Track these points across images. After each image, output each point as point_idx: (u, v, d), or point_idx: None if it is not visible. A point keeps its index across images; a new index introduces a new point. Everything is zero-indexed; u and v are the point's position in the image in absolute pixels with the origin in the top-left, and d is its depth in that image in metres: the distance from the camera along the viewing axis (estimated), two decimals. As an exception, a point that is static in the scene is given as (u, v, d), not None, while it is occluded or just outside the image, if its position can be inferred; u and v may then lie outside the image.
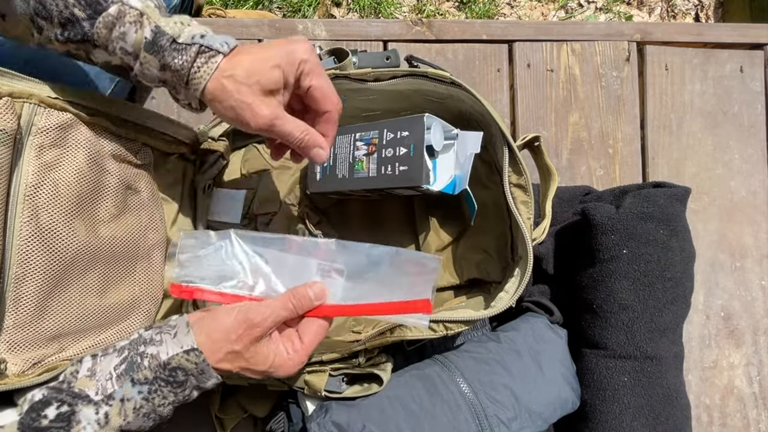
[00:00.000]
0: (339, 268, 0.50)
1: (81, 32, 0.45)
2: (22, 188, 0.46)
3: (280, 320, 0.47)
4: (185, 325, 0.47)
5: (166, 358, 0.45)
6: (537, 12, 1.42)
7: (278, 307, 0.47)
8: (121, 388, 0.44)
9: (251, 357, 0.46)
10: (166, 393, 0.45)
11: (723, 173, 0.80)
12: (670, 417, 0.60)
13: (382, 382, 0.56)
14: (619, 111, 0.79)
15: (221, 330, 0.46)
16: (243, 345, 0.46)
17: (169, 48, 0.46)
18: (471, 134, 0.58)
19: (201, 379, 0.47)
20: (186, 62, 0.46)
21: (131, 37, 0.45)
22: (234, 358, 0.46)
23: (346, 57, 0.63)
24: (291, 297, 0.47)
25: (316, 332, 0.49)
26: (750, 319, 0.77)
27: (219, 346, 0.46)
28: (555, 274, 0.70)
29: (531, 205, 0.56)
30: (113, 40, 0.46)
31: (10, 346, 0.46)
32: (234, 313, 0.46)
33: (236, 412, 0.66)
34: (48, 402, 0.43)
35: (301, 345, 0.48)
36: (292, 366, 0.48)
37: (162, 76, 0.47)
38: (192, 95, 0.48)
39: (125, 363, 0.45)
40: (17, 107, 0.45)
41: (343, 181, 0.62)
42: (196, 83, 0.47)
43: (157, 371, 0.45)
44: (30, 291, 0.46)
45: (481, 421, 0.55)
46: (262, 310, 0.46)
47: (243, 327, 0.46)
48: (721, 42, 0.82)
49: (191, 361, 0.45)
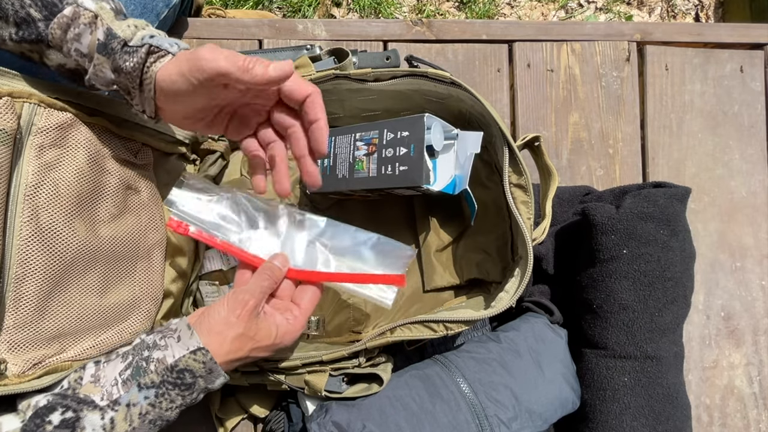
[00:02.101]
0: (324, 242, 0.56)
1: (36, 32, 0.45)
2: (22, 188, 0.46)
3: (266, 290, 0.51)
4: (187, 327, 0.47)
5: (173, 360, 0.45)
6: (537, 12, 1.42)
7: (257, 279, 0.51)
8: (128, 393, 0.44)
9: (256, 333, 0.49)
10: (173, 396, 0.46)
11: (723, 173, 0.80)
12: (670, 417, 0.60)
13: (382, 382, 0.56)
14: (619, 111, 0.79)
15: (220, 321, 0.48)
16: (244, 323, 0.48)
17: (120, 51, 0.45)
18: (471, 134, 0.58)
19: (209, 379, 0.47)
20: (137, 63, 0.45)
21: (86, 38, 0.46)
22: (241, 342, 0.48)
23: (346, 57, 0.63)
24: (263, 270, 0.52)
25: (311, 297, 0.53)
26: (750, 319, 0.77)
27: (224, 336, 0.47)
28: (555, 274, 0.70)
29: (531, 205, 0.56)
30: (68, 41, 0.46)
31: (11, 347, 0.46)
32: (225, 301, 0.49)
33: (236, 412, 0.66)
34: (53, 408, 0.43)
35: (299, 310, 0.53)
36: (296, 331, 0.52)
37: (115, 78, 0.47)
38: (146, 97, 0.47)
39: (131, 368, 0.45)
40: (17, 107, 0.45)
41: (343, 181, 0.62)
42: (149, 81, 0.46)
43: (165, 374, 0.45)
44: (30, 291, 0.46)
45: (481, 421, 0.55)
46: (248, 287, 0.50)
47: (238, 307, 0.48)
48: (721, 42, 0.82)
49: (199, 361, 0.46)
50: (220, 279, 0.68)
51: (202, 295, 0.68)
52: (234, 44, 0.76)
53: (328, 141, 0.63)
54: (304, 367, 0.58)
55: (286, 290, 0.54)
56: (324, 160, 0.64)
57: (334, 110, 0.67)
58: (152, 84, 0.46)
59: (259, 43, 0.76)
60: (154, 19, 0.66)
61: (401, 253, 0.55)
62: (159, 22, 0.67)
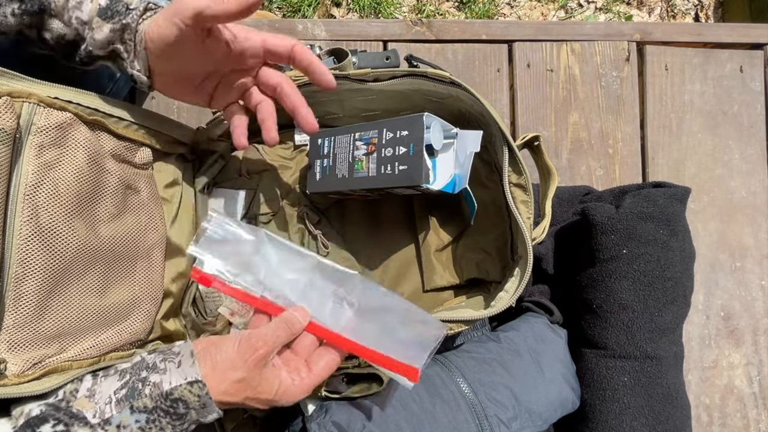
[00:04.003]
0: (351, 301, 0.51)
1: (38, 3, 0.47)
2: (22, 187, 0.46)
3: (280, 342, 0.48)
4: (190, 355, 0.46)
5: (168, 388, 0.44)
6: (537, 12, 1.42)
7: (274, 328, 0.48)
8: (119, 414, 0.43)
9: (258, 385, 0.46)
10: (164, 425, 0.44)
11: (723, 173, 0.80)
12: (670, 417, 0.60)
13: (382, 382, 0.56)
14: (619, 111, 0.79)
15: (226, 360, 0.46)
16: (249, 371, 0.46)
17: (124, 13, 0.48)
18: (471, 133, 0.58)
19: (202, 413, 0.46)
20: (135, 16, 0.48)
21: (86, 6, 0.48)
22: (240, 388, 0.46)
23: (346, 57, 0.63)
24: (281, 321, 0.49)
25: (326, 365, 0.49)
26: (750, 319, 0.77)
27: (225, 377, 0.45)
28: (555, 274, 0.70)
29: (531, 205, 0.56)
30: (69, 9, 0.48)
31: (10, 346, 0.46)
32: (237, 341, 0.46)
33: (236, 412, 0.66)
34: (45, 419, 0.42)
35: (308, 374, 0.48)
36: (298, 393, 0.48)
37: (112, 37, 0.49)
38: (138, 51, 0.49)
39: (126, 388, 0.45)
40: (17, 106, 0.45)
41: (342, 181, 0.62)
42: (141, 33, 0.49)
43: (158, 401, 0.44)
44: (30, 290, 0.46)
45: (481, 421, 0.55)
46: (262, 333, 0.47)
47: (248, 351, 0.46)
48: (721, 42, 0.82)
49: (194, 394, 0.44)
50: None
51: (202, 295, 0.68)
52: (234, 44, 0.76)
53: (327, 141, 0.63)
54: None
55: (305, 347, 0.50)
56: (323, 160, 0.64)
57: (333, 110, 0.67)
58: (143, 36, 0.48)
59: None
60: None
61: (429, 332, 0.50)
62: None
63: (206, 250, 0.52)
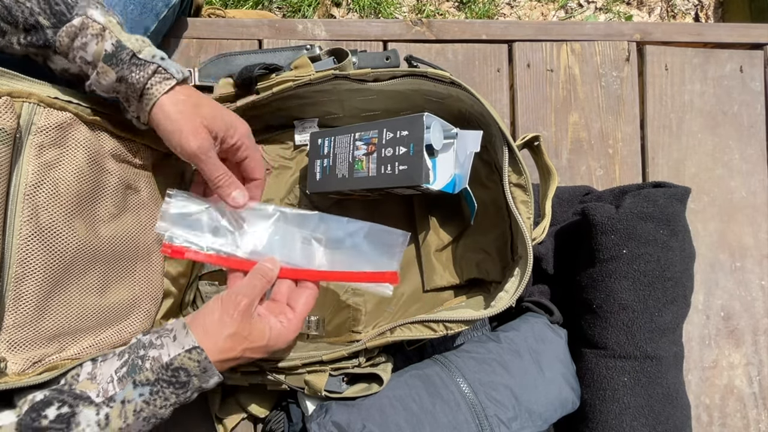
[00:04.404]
0: (318, 237, 0.57)
1: (44, 39, 0.47)
2: (22, 187, 0.46)
3: (258, 290, 0.52)
4: (182, 326, 0.48)
5: (168, 359, 0.46)
6: (537, 12, 1.42)
7: (249, 279, 0.53)
8: (123, 390, 0.44)
9: (249, 334, 0.49)
10: (168, 394, 0.46)
11: (723, 173, 0.80)
12: (670, 417, 0.60)
13: (382, 382, 0.56)
14: (619, 111, 0.79)
15: (214, 320, 0.49)
16: (237, 323, 0.49)
17: (129, 62, 0.49)
18: (471, 133, 0.58)
19: (203, 378, 0.47)
20: (142, 78, 0.49)
21: (92, 48, 0.48)
22: (234, 341, 0.49)
23: (346, 57, 0.63)
24: (255, 272, 0.54)
25: (306, 300, 0.54)
26: (750, 319, 0.77)
27: (218, 335, 0.48)
28: (555, 274, 0.70)
29: (531, 205, 0.56)
30: (74, 49, 0.48)
31: (11, 345, 0.46)
32: (219, 302, 0.50)
33: (236, 412, 0.66)
34: (49, 402, 0.43)
35: (293, 313, 0.53)
36: (289, 334, 0.52)
37: (117, 87, 0.50)
38: (142, 109, 0.50)
39: (126, 366, 0.46)
40: (17, 107, 0.46)
41: (342, 181, 0.62)
42: (149, 98, 0.49)
43: (160, 372, 0.46)
44: (30, 290, 0.46)
45: (481, 421, 0.55)
46: (240, 288, 0.52)
47: (231, 307, 0.49)
48: (721, 42, 0.82)
49: (193, 359, 0.46)
50: (220, 279, 0.68)
51: (202, 295, 0.68)
52: (234, 44, 0.76)
53: (327, 141, 0.64)
54: (304, 367, 0.58)
55: (283, 292, 0.55)
56: (324, 160, 0.64)
57: (333, 110, 0.67)
58: (153, 102, 0.49)
59: (259, 43, 0.76)
60: (154, 19, 0.66)
61: (395, 239, 0.55)
62: (158, 22, 0.67)
63: (172, 225, 0.56)
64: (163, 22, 0.68)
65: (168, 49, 0.74)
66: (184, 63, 0.74)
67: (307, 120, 0.69)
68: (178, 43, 0.75)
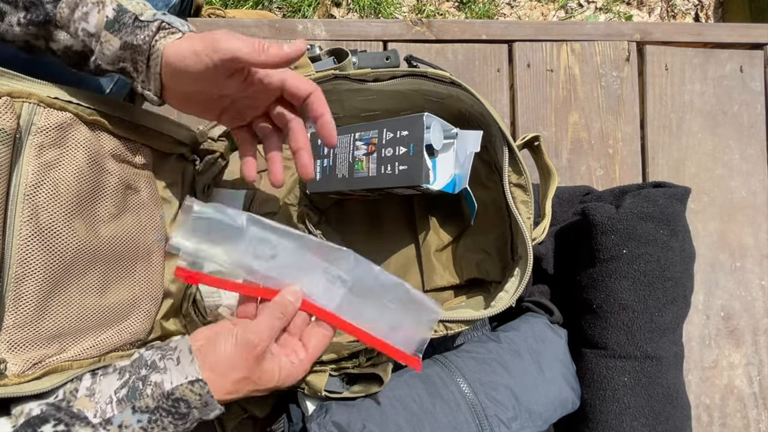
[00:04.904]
0: (344, 278, 0.50)
1: (44, 13, 0.46)
2: (22, 188, 0.46)
3: (276, 332, 0.48)
4: (188, 351, 0.46)
5: (170, 387, 0.44)
6: (537, 12, 1.42)
7: (269, 319, 0.48)
8: (121, 414, 0.43)
9: (259, 378, 0.47)
10: (166, 424, 0.45)
11: (723, 173, 0.80)
12: (670, 417, 0.60)
13: (382, 382, 0.56)
14: (619, 111, 0.79)
15: (225, 361, 0.46)
16: (249, 368, 0.46)
17: (132, 25, 0.47)
18: (471, 133, 0.58)
19: (204, 412, 0.46)
20: (147, 37, 0.47)
21: (93, 17, 0.47)
22: (243, 385, 0.46)
23: (346, 57, 0.63)
24: (275, 308, 0.48)
25: (320, 340, 0.50)
26: (750, 319, 0.77)
27: (226, 377, 0.45)
28: (555, 274, 0.70)
29: (531, 205, 0.56)
30: (75, 20, 0.47)
31: (10, 346, 0.46)
32: (233, 339, 0.46)
33: (236, 412, 0.66)
34: (45, 419, 0.42)
35: (305, 353, 0.49)
36: (297, 374, 0.49)
37: (122, 55, 0.48)
38: (152, 73, 0.48)
39: (126, 387, 0.45)
40: (16, 107, 0.45)
41: (342, 181, 0.62)
42: (156, 56, 0.47)
43: (160, 401, 0.44)
44: (30, 290, 0.46)
45: (481, 421, 0.55)
46: (258, 328, 0.47)
47: (246, 350, 0.46)
48: (721, 42, 0.82)
49: (195, 393, 0.45)
50: (220, 279, 0.68)
51: (202, 295, 0.68)
52: (234, 44, 0.76)
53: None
54: (306, 369, 0.58)
55: (298, 325, 0.50)
56: (323, 160, 0.64)
57: (333, 110, 0.67)
58: (159, 59, 0.47)
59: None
60: (154, 18, 0.66)
61: (426, 315, 0.50)
62: (159, 22, 0.67)
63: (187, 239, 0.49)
64: (163, 22, 0.68)
65: (168, 49, 0.74)
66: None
67: (307, 120, 0.69)
68: (178, 43, 0.75)
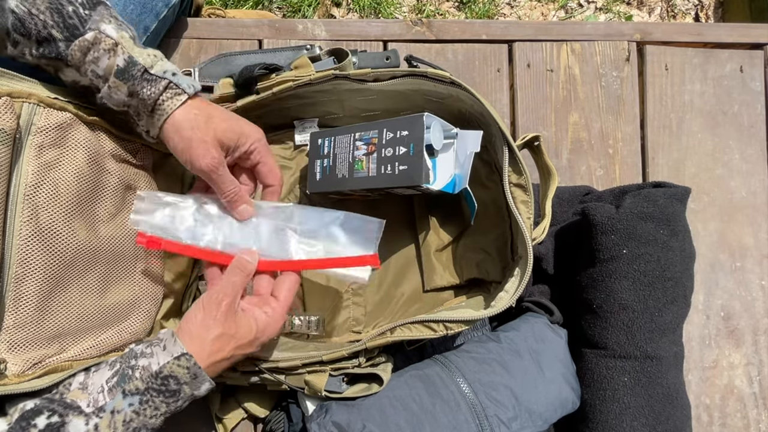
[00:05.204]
0: (294, 227, 0.57)
1: (56, 51, 0.48)
2: (22, 188, 0.46)
3: (238, 286, 0.52)
4: (171, 335, 0.48)
5: (157, 367, 0.46)
6: (537, 12, 1.42)
7: (229, 276, 0.52)
8: (113, 400, 0.44)
9: (236, 332, 0.50)
10: (158, 403, 0.46)
11: (723, 173, 0.80)
12: (670, 417, 0.60)
13: (382, 382, 0.56)
14: (619, 111, 0.79)
15: (198, 323, 0.49)
16: (222, 323, 0.49)
17: (140, 77, 0.49)
18: (471, 133, 0.58)
19: (194, 385, 0.47)
20: (154, 93, 0.49)
21: (104, 62, 0.48)
22: (222, 342, 0.49)
23: (346, 57, 0.63)
24: (233, 267, 0.53)
25: (288, 287, 0.55)
26: (750, 319, 0.77)
27: (204, 339, 0.48)
28: (555, 274, 0.70)
29: (531, 205, 0.56)
30: (86, 63, 0.48)
31: (11, 346, 0.46)
32: (200, 305, 0.50)
33: (236, 412, 0.66)
34: (39, 411, 0.43)
35: (277, 302, 0.54)
36: (275, 323, 0.53)
37: (128, 101, 0.50)
38: (153, 124, 0.51)
39: (117, 376, 0.46)
40: (16, 107, 0.46)
41: (342, 181, 0.62)
42: (160, 113, 0.50)
43: (149, 381, 0.45)
44: (30, 291, 0.46)
45: (481, 421, 0.55)
46: (220, 287, 0.51)
47: (214, 308, 0.49)
48: (721, 42, 0.82)
49: (182, 366, 0.46)
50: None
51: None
52: (234, 44, 0.76)
53: (327, 141, 0.64)
54: (304, 367, 0.58)
55: (264, 285, 0.55)
56: (324, 160, 0.64)
57: (333, 110, 0.67)
58: (164, 118, 0.50)
59: (259, 43, 0.76)
60: (154, 18, 0.66)
61: (370, 227, 0.56)
62: (158, 22, 0.67)
63: (147, 216, 0.55)
64: (162, 22, 0.68)
65: (168, 49, 0.74)
66: (184, 63, 0.74)
67: (307, 120, 0.69)
68: (178, 43, 0.75)
